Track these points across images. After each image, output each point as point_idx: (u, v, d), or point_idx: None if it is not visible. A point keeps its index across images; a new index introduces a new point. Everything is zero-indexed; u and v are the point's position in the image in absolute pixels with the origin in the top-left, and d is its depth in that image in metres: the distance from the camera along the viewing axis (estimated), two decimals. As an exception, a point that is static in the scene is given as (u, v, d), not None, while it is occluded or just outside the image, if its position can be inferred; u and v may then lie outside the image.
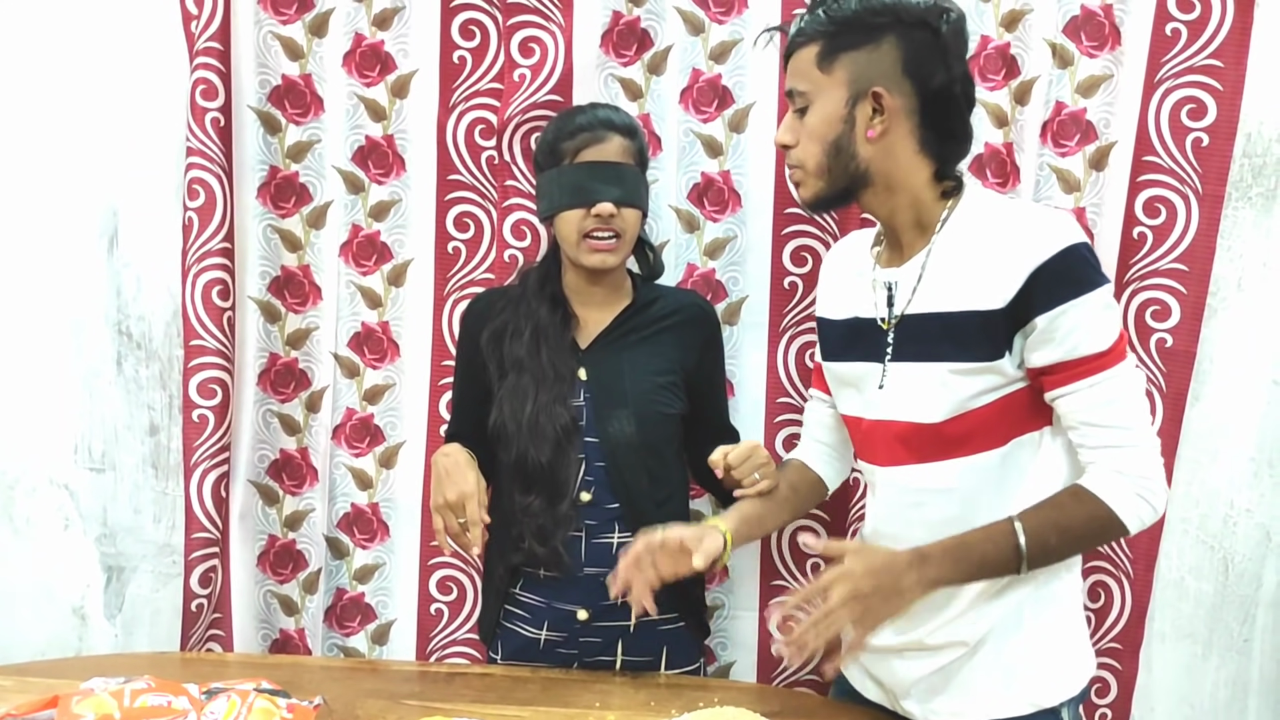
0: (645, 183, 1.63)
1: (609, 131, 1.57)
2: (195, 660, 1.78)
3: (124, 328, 2.03)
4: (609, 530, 1.61)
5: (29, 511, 2.11)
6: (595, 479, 1.61)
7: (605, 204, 1.55)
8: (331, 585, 1.99)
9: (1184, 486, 1.84)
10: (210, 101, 1.81)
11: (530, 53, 1.82)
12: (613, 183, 1.56)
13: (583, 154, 1.57)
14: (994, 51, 1.74)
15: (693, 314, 1.69)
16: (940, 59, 1.31)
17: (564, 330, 1.63)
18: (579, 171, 1.56)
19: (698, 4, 1.80)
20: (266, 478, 1.97)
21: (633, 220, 1.59)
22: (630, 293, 1.69)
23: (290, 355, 1.95)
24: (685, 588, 1.64)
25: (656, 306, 1.67)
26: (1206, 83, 1.69)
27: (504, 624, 1.69)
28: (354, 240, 1.90)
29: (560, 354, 1.61)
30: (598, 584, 1.58)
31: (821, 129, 1.34)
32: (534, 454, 1.58)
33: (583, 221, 1.56)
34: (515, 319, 1.64)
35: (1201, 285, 1.74)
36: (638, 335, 1.65)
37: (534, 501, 1.60)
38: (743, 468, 1.50)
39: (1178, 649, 1.90)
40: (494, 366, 1.65)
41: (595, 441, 1.60)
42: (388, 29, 1.85)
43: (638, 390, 1.61)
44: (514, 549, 1.63)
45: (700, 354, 1.69)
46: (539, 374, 1.60)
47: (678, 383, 1.65)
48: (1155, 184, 1.73)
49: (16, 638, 2.13)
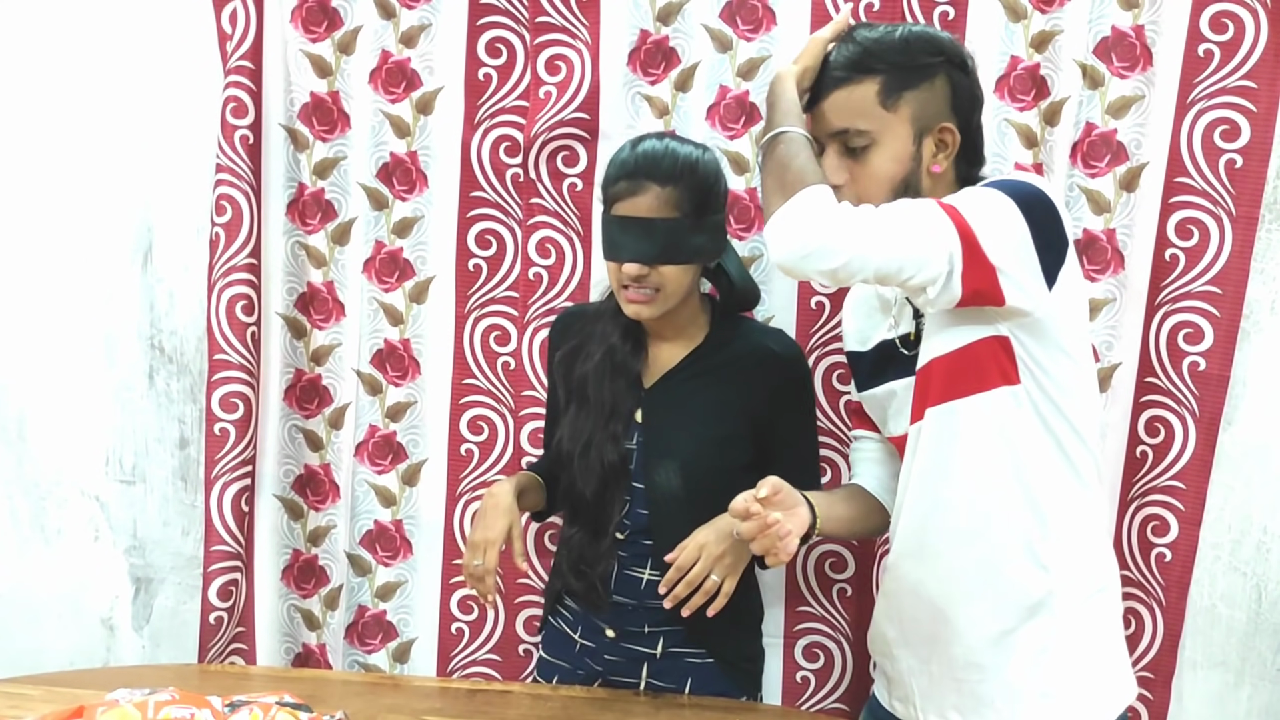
0: (700, 230, 1.50)
1: (647, 181, 1.48)
2: (219, 673, 1.80)
3: (156, 342, 2.06)
4: (640, 565, 1.59)
5: (60, 523, 2.13)
6: (633, 523, 1.58)
7: (630, 265, 1.49)
8: (353, 602, 1.99)
9: (1216, 512, 1.80)
10: (240, 119, 1.83)
11: (556, 70, 1.82)
12: (643, 239, 1.47)
13: (617, 206, 1.50)
14: (1024, 72, 1.73)
15: (764, 359, 1.59)
16: (972, 94, 1.38)
17: (632, 360, 1.58)
18: (613, 225, 1.51)
19: (726, 21, 1.79)
20: (291, 492, 1.99)
21: (672, 275, 1.50)
22: (706, 326, 1.62)
23: (314, 371, 1.96)
24: (713, 630, 1.58)
25: (731, 348, 1.60)
26: (1240, 104, 1.67)
27: (550, 620, 1.73)
28: (377, 256, 1.91)
29: (622, 388, 1.58)
30: (625, 610, 1.59)
31: (892, 168, 1.33)
32: (580, 486, 1.57)
33: (619, 274, 1.51)
34: (588, 340, 1.61)
35: (1235, 308, 1.71)
36: (704, 380, 1.58)
37: (576, 534, 1.60)
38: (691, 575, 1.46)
39: (1210, 678, 1.87)
40: (562, 389, 1.64)
41: (641, 488, 1.57)
42: (414, 46, 1.86)
43: (691, 442, 1.56)
44: (558, 572, 1.65)
45: (769, 403, 1.58)
46: (598, 408, 1.57)
47: (740, 434, 1.57)
48: (1187, 205, 1.71)
49: (45, 648, 2.15)
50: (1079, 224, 1.73)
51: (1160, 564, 1.78)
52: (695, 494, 1.54)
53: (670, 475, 1.55)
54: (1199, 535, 1.77)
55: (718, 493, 1.44)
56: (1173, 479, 1.76)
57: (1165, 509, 1.77)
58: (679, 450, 1.56)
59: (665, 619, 1.58)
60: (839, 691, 1.90)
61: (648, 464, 1.57)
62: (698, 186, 1.50)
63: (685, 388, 1.59)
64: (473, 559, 1.52)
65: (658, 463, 1.56)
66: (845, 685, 1.90)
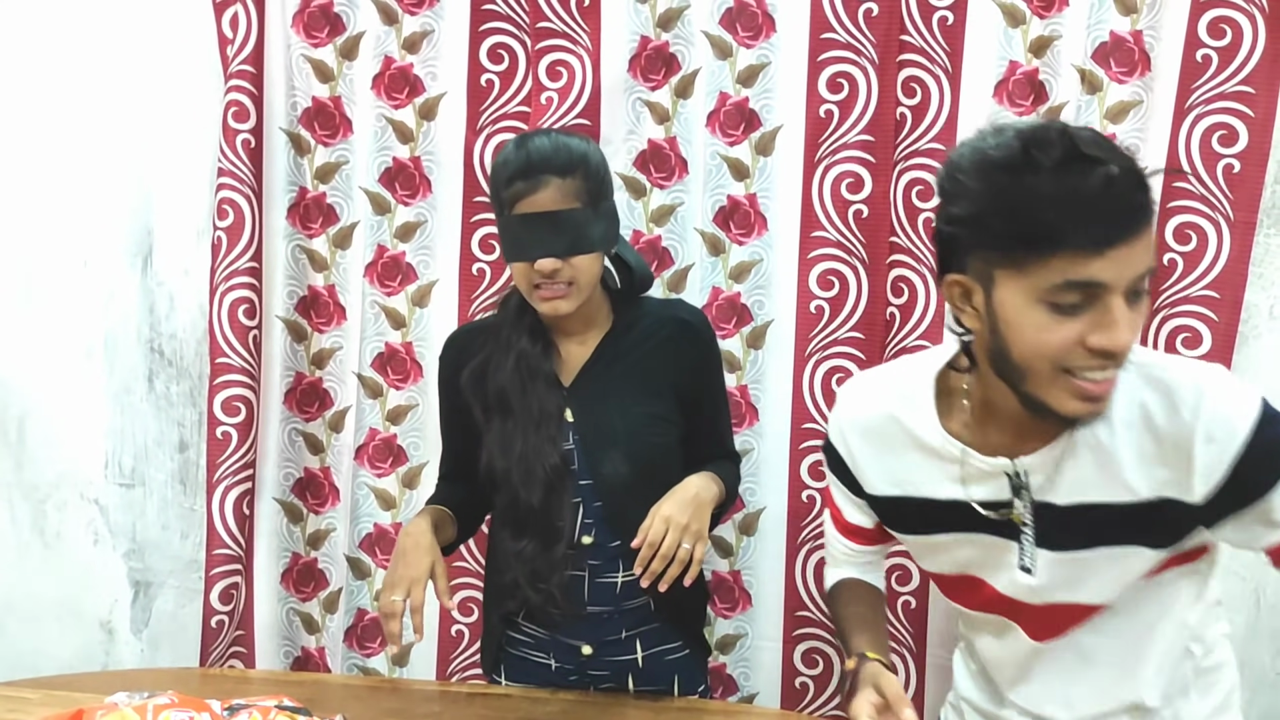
0: (599, 217, 1.48)
1: (543, 175, 1.44)
2: (218, 676, 1.79)
3: (156, 345, 2.06)
4: (613, 570, 1.56)
5: (59, 526, 2.14)
6: (594, 520, 1.55)
7: (545, 260, 1.44)
8: (353, 605, 1.99)
9: (1215, 517, 1.81)
10: (242, 123, 1.84)
11: (558, 76, 1.83)
12: (551, 234, 1.44)
13: (518, 205, 1.45)
14: (1022, 77, 1.73)
15: (676, 329, 1.58)
16: None
17: (545, 362, 1.55)
18: (515, 225, 1.46)
19: (726, 28, 1.80)
20: (291, 495, 1.99)
21: (585, 265, 1.47)
22: (610, 315, 1.59)
23: (315, 375, 1.96)
24: (689, 615, 1.64)
25: (639, 327, 1.58)
26: (1238, 109, 1.67)
27: (510, 651, 1.65)
28: (379, 261, 1.91)
29: (544, 391, 1.54)
30: (601, 620, 1.57)
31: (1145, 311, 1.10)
32: (524, 497, 1.52)
33: (529, 273, 1.46)
34: (496, 351, 1.57)
35: (1233, 312, 1.72)
36: (622, 364, 1.56)
37: (527, 546, 1.54)
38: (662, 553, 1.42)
39: (1209, 682, 1.87)
40: (479, 407, 1.57)
41: (589, 484, 1.55)
42: (417, 52, 1.87)
43: (628, 427, 1.54)
44: (509, 595, 1.58)
45: (690, 371, 1.59)
46: (525, 416, 1.53)
47: (671, 408, 1.57)
48: (1186, 210, 1.72)
49: (44, 651, 2.15)
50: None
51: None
52: (642, 476, 1.52)
53: (617, 464, 1.53)
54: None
55: (661, 469, 1.52)
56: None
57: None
58: (619, 437, 1.53)
59: (642, 619, 1.59)
60: (838, 697, 1.90)
61: (591, 459, 1.54)
62: (592, 175, 1.48)
63: (607, 374, 1.56)
64: (390, 596, 1.42)
65: (601, 455, 1.53)
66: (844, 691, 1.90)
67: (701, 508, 1.47)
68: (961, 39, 1.74)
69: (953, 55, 1.76)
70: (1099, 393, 1.07)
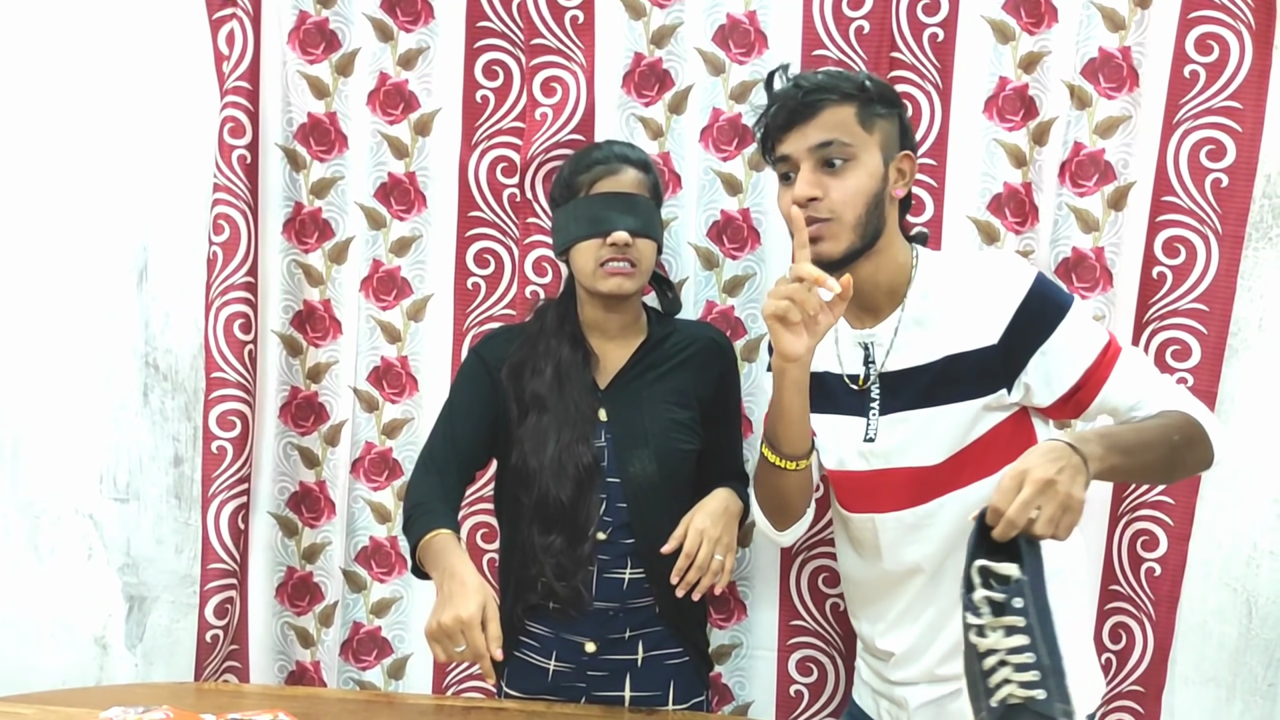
0: (660, 217, 1.64)
1: (623, 164, 1.60)
2: (213, 691, 1.79)
3: (151, 360, 2.06)
4: (620, 566, 1.61)
5: (54, 541, 2.13)
6: (614, 519, 1.61)
7: (620, 233, 1.56)
8: (348, 619, 1.99)
9: (1206, 528, 1.82)
10: (238, 139, 1.85)
11: (552, 92, 1.85)
12: (628, 213, 1.57)
13: (598, 185, 1.59)
14: (1012, 93, 1.75)
15: (707, 346, 1.70)
16: (913, 143, 1.51)
17: (584, 369, 1.63)
18: (594, 203, 1.58)
19: (718, 45, 1.82)
20: (286, 509, 1.99)
21: (647, 251, 1.60)
22: (645, 328, 1.69)
23: (310, 389, 1.97)
24: (690, 622, 1.68)
25: (672, 341, 1.68)
26: (1226, 124, 1.69)
27: (514, 654, 1.68)
28: (374, 275, 1.92)
29: (582, 393, 1.61)
30: (606, 617, 1.61)
31: (868, 184, 1.40)
32: (555, 493, 1.58)
33: (599, 251, 1.57)
34: (534, 357, 1.64)
35: (1222, 326, 1.74)
36: (655, 372, 1.66)
37: (555, 541, 1.60)
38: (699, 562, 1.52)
39: (1201, 694, 1.88)
40: (514, 403, 1.64)
41: (616, 482, 1.60)
42: (412, 69, 1.88)
43: (658, 429, 1.62)
44: (531, 588, 1.62)
45: (715, 387, 1.69)
46: (561, 414, 1.60)
47: (696, 418, 1.66)
48: (1174, 224, 1.73)
49: (38, 666, 2.14)
50: (1068, 242, 1.75)
51: (1150, 579, 1.79)
52: (668, 479, 1.61)
53: (646, 463, 1.60)
54: (1188, 550, 1.79)
55: (684, 477, 1.65)
56: (1162, 494, 1.78)
57: (1155, 524, 1.79)
58: (650, 438, 1.61)
59: (645, 620, 1.63)
60: (833, 705, 1.90)
61: (621, 457, 1.61)
62: (655, 181, 1.66)
63: (642, 380, 1.65)
64: (455, 646, 1.34)
65: (631, 453, 1.61)
66: (838, 699, 1.90)
67: (730, 520, 1.59)
68: (952, 55, 1.76)
69: (943, 71, 1.78)
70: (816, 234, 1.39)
